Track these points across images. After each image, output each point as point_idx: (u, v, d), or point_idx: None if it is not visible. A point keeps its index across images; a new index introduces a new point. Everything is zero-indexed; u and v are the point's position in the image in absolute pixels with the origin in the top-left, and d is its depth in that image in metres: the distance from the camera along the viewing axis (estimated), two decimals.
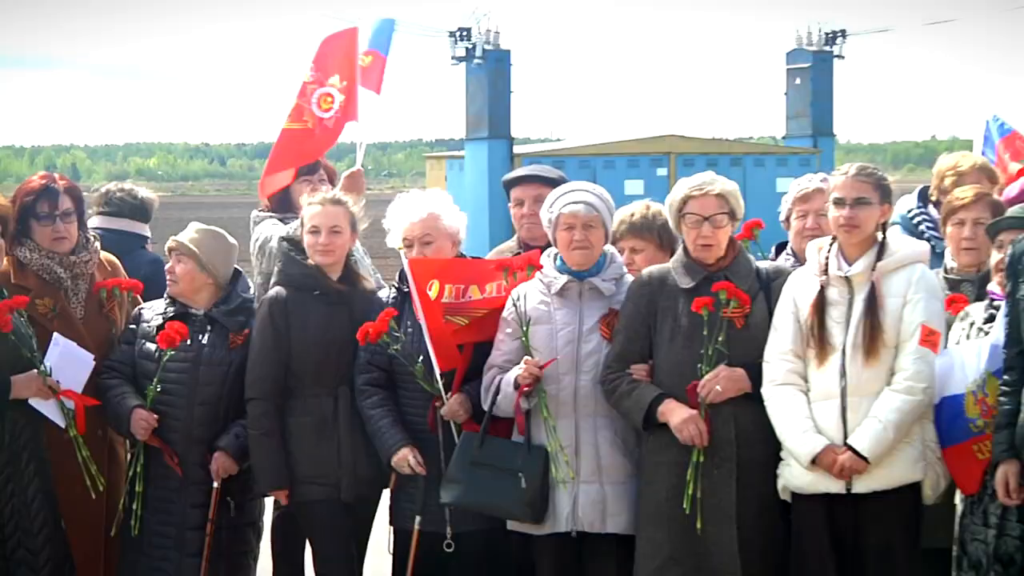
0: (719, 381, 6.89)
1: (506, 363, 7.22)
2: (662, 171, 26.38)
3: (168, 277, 7.76)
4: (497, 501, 7.21)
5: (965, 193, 7.79)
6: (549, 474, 7.15)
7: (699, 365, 6.95)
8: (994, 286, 7.19)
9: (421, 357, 7.29)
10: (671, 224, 7.39)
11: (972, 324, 7.19)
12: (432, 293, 7.45)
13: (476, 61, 28.40)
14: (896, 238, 7.14)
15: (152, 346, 7.59)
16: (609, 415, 7.17)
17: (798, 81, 34.55)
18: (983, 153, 10.71)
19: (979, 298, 7.35)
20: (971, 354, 7.02)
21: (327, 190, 8.29)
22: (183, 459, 7.63)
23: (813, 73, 34.42)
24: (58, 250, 7.87)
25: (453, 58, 29.63)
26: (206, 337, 7.68)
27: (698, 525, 6.89)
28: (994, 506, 6.90)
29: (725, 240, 7.13)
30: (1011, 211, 7.46)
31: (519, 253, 8.16)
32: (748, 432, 6.99)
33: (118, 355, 7.72)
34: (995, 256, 7.26)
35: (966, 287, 7.52)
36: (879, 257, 6.89)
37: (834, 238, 7.03)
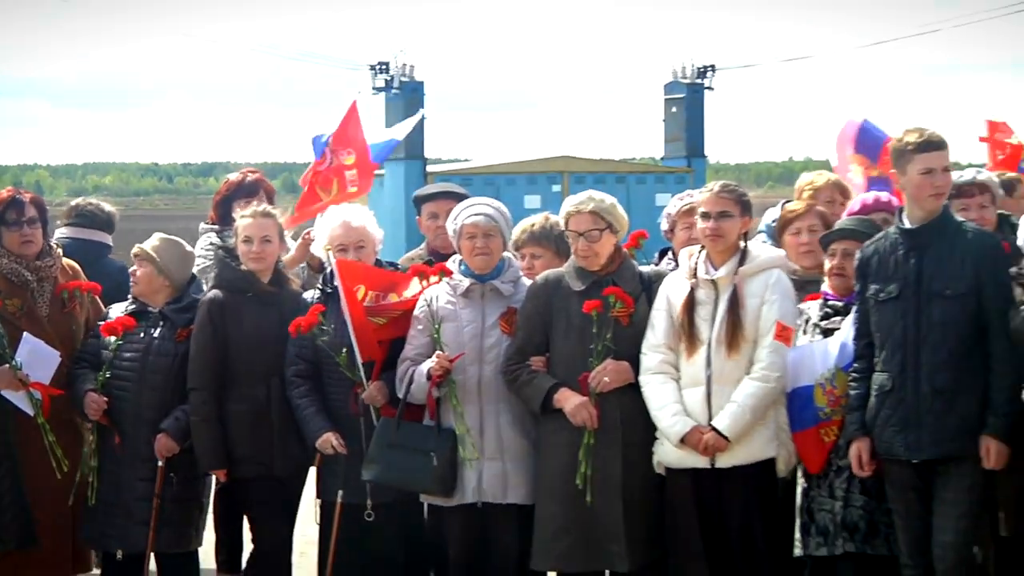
0: (607, 373, 7.06)
1: (418, 356, 7.36)
2: (557, 187, 26.30)
3: (131, 279, 7.87)
4: (411, 477, 7.37)
5: (796, 206, 7.95)
6: (457, 453, 7.32)
7: (590, 359, 7.11)
8: (826, 287, 7.40)
9: (344, 348, 7.41)
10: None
11: (808, 320, 7.37)
12: (359, 296, 7.57)
13: (394, 91, 28.81)
14: (756, 246, 7.29)
15: (111, 338, 7.68)
16: (510, 401, 7.34)
17: (674, 110, 34.52)
18: (858, 150, 10.66)
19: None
20: (820, 351, 7.21)
21: (257, 203, 8.39)
22: (134, 438, 7.72)
23: (687, 103, 34.74)
24: (26, 253, 7.93)
25: (373, 88, 29.80)
26: (157, 331, 7.78)
27: (588, 498, 7.04)
28: (840, 480, 7.11)
29: (605, 250, 7.27)
30: (839, 223, 7.64)
31: (429, 259, 8.27)
32: (632, 416, 7.14)
33: (86, 347, 7.84)
34: (827, 262, 7.43)
35: (811, 288, 7.62)
36: (741, 263, 7.07)
37: (703, 246, 7.13)
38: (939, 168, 6.87)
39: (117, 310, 7.90)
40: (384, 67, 30.48)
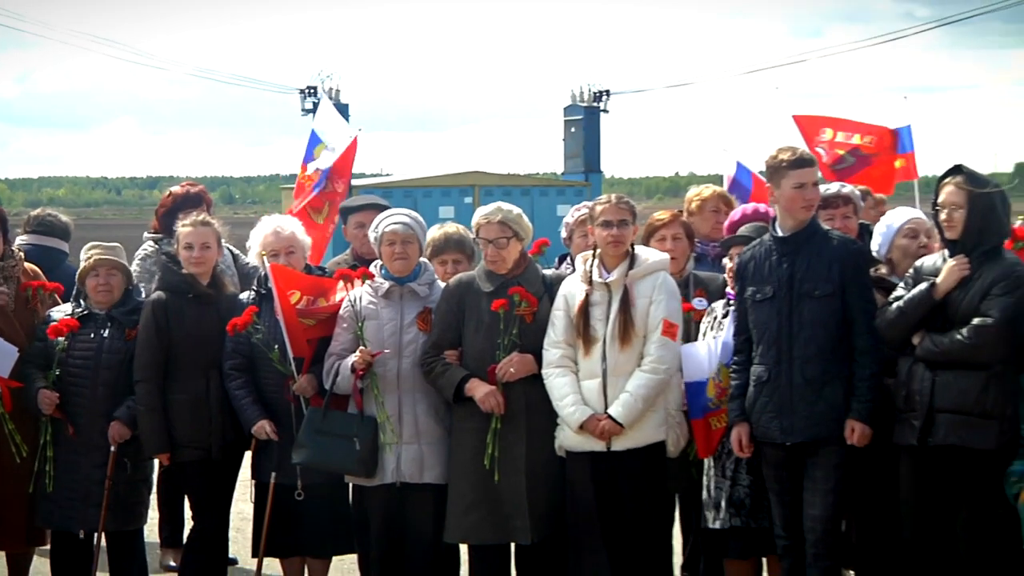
0: (513, 364, 7.13)
1: (343, 351, 7.42)
2: (468, 199, 26.22)
3: (101, 288, 7.82)
4: (337, 461, 7.44)
5: (663, 215, 7.97)
6: (378, 438, 7.39)
7: (497, 352, 7.18)
8: (730, 289, 7.43)
9: (276, 345, 7.47)
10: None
11: (715, 318, 7.44)
12: (293, 300, 7.58)
13: None
14: (644, 251, 7.37)
15: (59, 339, 7.64)
16: (425, 390, 7.40)
17: (573, 130, 34.87)
18: (739, 181, 10.72)
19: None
20: (711, 348, 7.32)
21: (198, 213, 8.35)
22: (89, 429, 7.71)
23: (584, 123, 35.08)
24: None
25: (303, 110, 29.67)
26: (107, 331, 7.76)
27: (495, 478, 7.13)
28: (730, 461, 7.23)
29: (512, 255, 7.33)
30: (741, 230, 7.67)
31: (354, 264, 8.30)
32: (536, 404, 7.19)
33: (33, 349, 7.75)
34: (727, 264, 7.47)
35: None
36: (631, 267, 7.12)
37: (595, 252, 7.21)
38: (809, 183, 6.93)
39: (59, 313, 7.86)
40: (312, 91, 30.48)
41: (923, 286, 6.68)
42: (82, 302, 7.78)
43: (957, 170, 6.78)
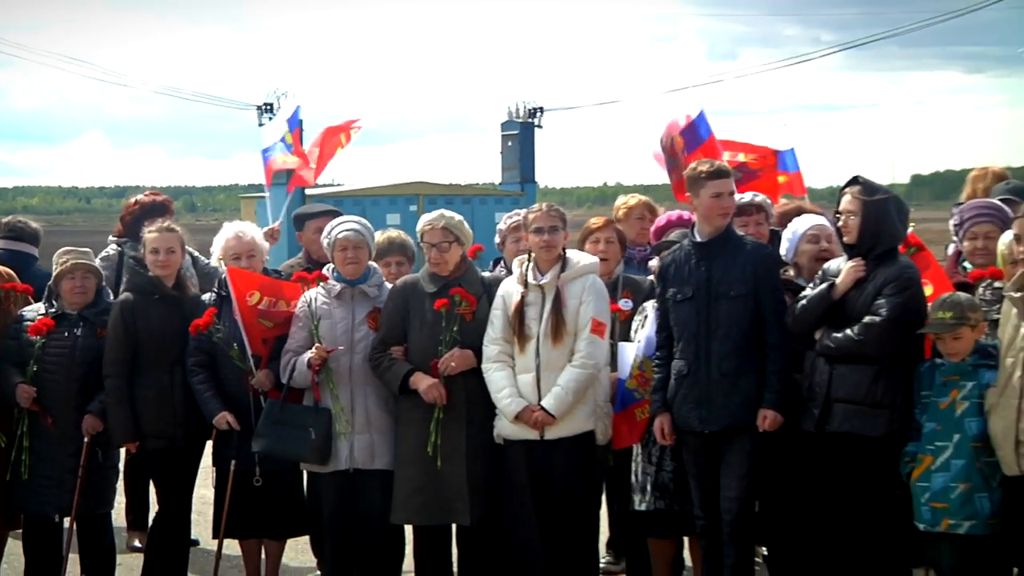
0: (454, 359, 7.16)
1: (299, 348, 7.45)
2: (413, 207, 25.93)
3: (76, 290, 7.79)
4: (293, 449, 7.45)
5: (597, 221, 8.01)
6: (332, 428, 7.40)
7: (439, 348, 7.21)
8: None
9: (236, 343, 7.48)
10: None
11: (646, 317, 7.46)
12: (253, 300, 7.59)
13: None
14: (575, 254, 7.37)
15: (36, 337, 7.66)
16: (376, 384, 7.43)
17: (510, 144, 34.49)
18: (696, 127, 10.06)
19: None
20: (636, 346, 7.38)
21: (163, 221, 8.28)
22: (64, 421, 7.70)
23: (520, 138, 34.96)
24: None
25: (259, 125, 29.38)
26: (79, 330, 7.74)
27: (438, 464, 7.17)
28: (655, 449, 7.25)
29: (454, 259, 7.34)
30: (674, 235, 7.67)
31: (308, 267, 8.37)
32: (476, 396, 7.22)
33: (8, 347, 7.72)
34: (653, 266, 7.53)
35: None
36: (563, 270, 7.16)
37: (529, 256, 7.26)
38: (726, 192, 6.99)
39: (31, 312, 7.82)
40: (269, 107, 30.28)
41: (823, 286, 6.76)
42: (55, 303, 7.74)
43: (855, 181, 6.86)
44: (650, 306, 7.47)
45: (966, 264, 7.54)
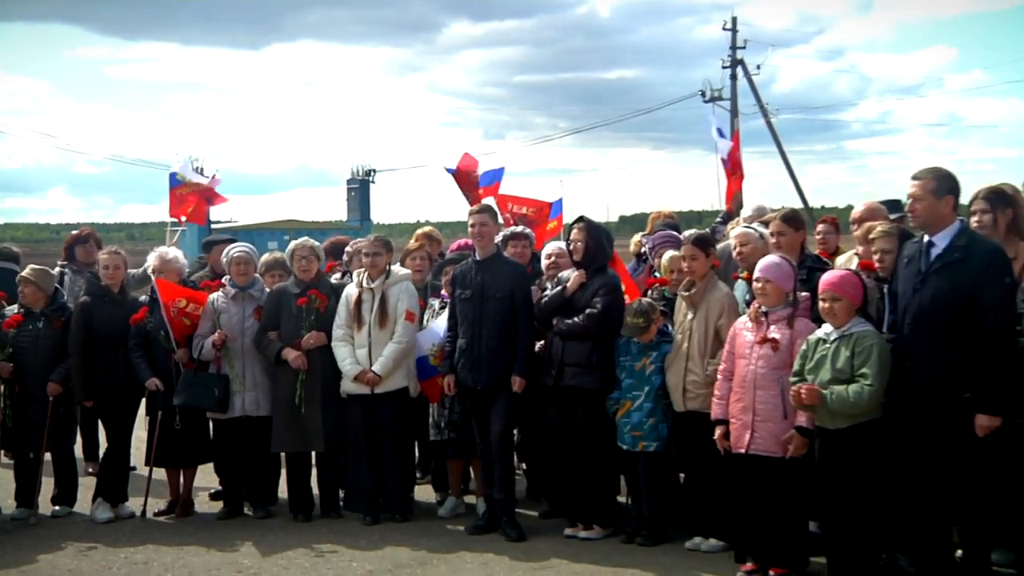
0: (312, 339, 8.28)
1: (206, 334, 8.54)
2: (287, 237, 26.85)
3: (21, 295, 8.86)
4: (202, 403, 8.51)
5: (412, 244, 8.94)
6: (230, 388, 8.43)
7: (302, 331, 8.31)
8: (443, 292, 8.38)
9: (163, 331, 8.55)
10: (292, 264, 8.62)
11: (434, 310, 8.33)
12: (181, 304, 8.52)
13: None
14: (396, 269, 8.31)
15: (12, 329, 8.71)
16: (259, 357, 8.49)
17: (352, 193, 46.66)
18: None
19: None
20: (432, 331, 8.39)
21: (97, 246, 9.50)
22: (33, 387, 8.64)
23: (360, 190, 46.99)
24: None
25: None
26: (42, 323, 8.80)
27: (302, 411, 8.27)
28: (447, 399, 8.25)
29: (313, 270, 8.47)
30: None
31: (213, 277, 9.50)
32: (327, 364, 8.25)
33: None
34: (445, 278, 8.38)
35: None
36: (386, 278, 8.29)
37: (366, 269, 8.21)
38: (479, 224, 8.02)
39: (9, 311, 8.81)
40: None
41: (558, 288, 7.89)
42: (19, 304, 8.86)
43: (581, 219, 7.94)
44: (436, 302, 8.65)
45: (657, 273, 8.57)
